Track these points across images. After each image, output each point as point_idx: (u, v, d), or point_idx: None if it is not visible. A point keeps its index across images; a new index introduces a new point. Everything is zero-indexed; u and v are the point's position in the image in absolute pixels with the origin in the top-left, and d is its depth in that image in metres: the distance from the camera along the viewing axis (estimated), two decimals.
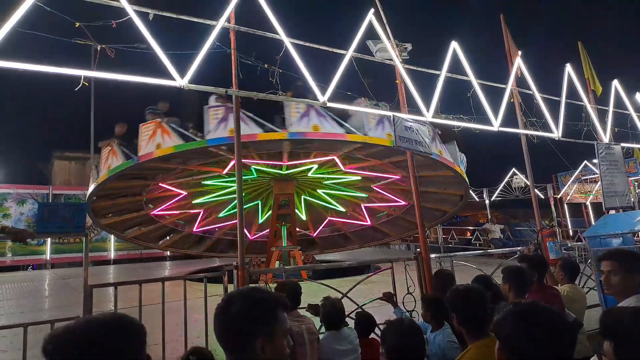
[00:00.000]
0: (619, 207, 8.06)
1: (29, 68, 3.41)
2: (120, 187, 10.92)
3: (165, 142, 8.51)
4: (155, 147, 8.54)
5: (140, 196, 11.59)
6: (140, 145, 8.83)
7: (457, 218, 26.79)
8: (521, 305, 1.71)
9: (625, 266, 2.58)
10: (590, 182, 21.64)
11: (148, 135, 8.72)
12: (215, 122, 8.25)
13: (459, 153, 10.74)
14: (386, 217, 14.59)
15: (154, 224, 12.97)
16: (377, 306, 5.01)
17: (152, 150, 8.59)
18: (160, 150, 8.50)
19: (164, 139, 8.53)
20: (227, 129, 8.13)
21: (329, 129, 8.35)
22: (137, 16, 3.90)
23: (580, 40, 9.44)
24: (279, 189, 12.00)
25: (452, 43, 6.32)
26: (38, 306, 9.02)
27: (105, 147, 9.87)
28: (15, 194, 19.04)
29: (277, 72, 4.90)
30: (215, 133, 8.17)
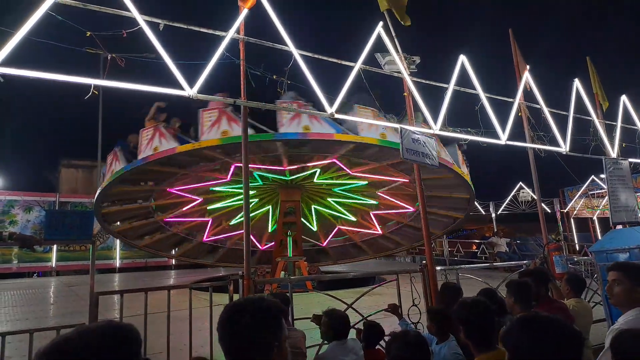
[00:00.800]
0: (626, 222, 8.00)
1: (39, 76, 3.46)
2: (129, 192, 10.96)
3: (162, 145, 8.68)
4: (153, 150, 8.77)
5: (149, 202, 11.61)
6: (140, 149, 8.99)
7: (463, 231, 26.65)
8: (528, 315, 1.71)
9: (631, 277, 2.55)
10: (597, 197, 21.48)
11: (148, 138, 8.88)
12: (208, 124, 8.42)
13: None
14: (395, 225, 14.53)
15: (164, 232, 12.99)
16: (383, 318, 4.96)
17: (150, 153, 8.80)
18: (158, 152, 8.69)
19: (161, 142, 8.71)
20: (219, 131, 8.33)
21: (319, 129, 8.39)
22: (147, 26, 3.95)
23: (588, 56, 9.45)
24: (286, 196, 12.03)
25: (460, 56, 6.35)
26: (43, 313, 9.03)
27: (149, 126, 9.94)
28: (22, 202, 19.19)
29: (285, 83, 4.94)
30: (208, 135, 8.38)
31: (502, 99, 7.15)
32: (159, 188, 11.03)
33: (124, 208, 11.63)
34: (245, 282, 4.46)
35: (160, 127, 8.95)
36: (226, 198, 12.61)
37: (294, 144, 9.19)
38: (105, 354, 1.12)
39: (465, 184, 10.96)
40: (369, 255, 15.33)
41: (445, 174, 10.25)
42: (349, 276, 6.61)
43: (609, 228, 8.39)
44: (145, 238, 13.17)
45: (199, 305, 5.26)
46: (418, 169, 5.95)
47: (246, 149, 4.89)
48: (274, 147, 9.46)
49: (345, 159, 10.55)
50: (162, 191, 11.33)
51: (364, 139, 8.56)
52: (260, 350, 1.38)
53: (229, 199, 12.64)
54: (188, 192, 11.72)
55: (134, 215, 12.11)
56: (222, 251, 14.38)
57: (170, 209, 12.46)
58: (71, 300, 10.86)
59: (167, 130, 8.92)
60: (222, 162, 9.87)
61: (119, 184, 10.04)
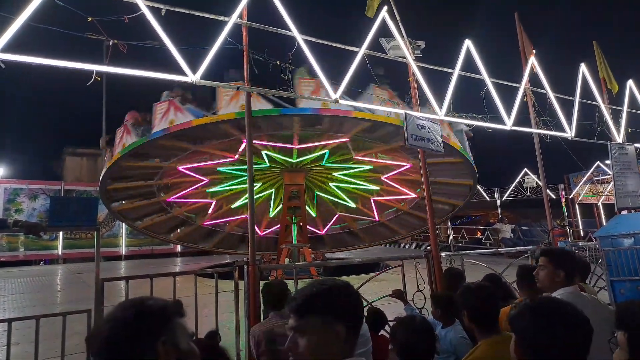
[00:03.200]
0: (631, 208, 7.97)
1: (41, 62, 3.44)
2: (135, 168, 10.87)
3: (178, 118, 8.61)
4: (169, 124, 8.68)
5: (153, 181, 11.53)
6: (154, 123, 8.94)
7: (468, 217, 26.64)
8: (538, 299, 1.70)
9: (553, 261, 2.71)
10: (602, 182, 21.38)
11: (162, 113, 8.81)
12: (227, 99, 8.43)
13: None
14: (395, 212, 14.50)
15: (165, 214, 12.95)
16: (387, 303, 4.98)
17: (165, 126, 8.73)
18: (174, 125, 8.62)
19: (176, 116, 8.63)
20: (238, 105, 8.28)
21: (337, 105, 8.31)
22: (149, 11, 3.91)
23: (595, 40, 9.30)
24: (290, 179, 11.97)
25: (465, 41, 6.26)
26: (50, 300, 9.14)
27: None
28: (28, 190, 19.31)
29: (289, 69, 4.90)
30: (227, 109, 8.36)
31: (507, 84, 7.07)
32: (167, 165, 10.89)
33: (129, 185, 11.53)
34: (250, 269, 4.47)
35: (175, 101, 8.87)
36: (230, 179, 12.55)
37: (310, 121, 9.15)
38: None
39: (470, 170, 10.88)
40: (366, 244, 15.33)
41: (450, 158, 10.18)
42: (354, 262, 6.63)
43: (613, 214, 8.36)
44: (145, 219, 13.16)
45: (204, 292, 5.30)
46: (423, 155, 5.92)
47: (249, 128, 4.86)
48: (289, 124, 9.38)
49: (355, 142, 10.50)
50: (169, 169, 11.20)
51: (380, 118, 8.47)
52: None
53: (233, 180, 12.58)
54: (194, 170, 11.61)
55: (138, 194, 12.04)
56: (220, 236, 14.35)
57: (174, 188, 12.37)
58: (77, 287, 10.97)
59: (182, 103, 8.85)
60: (233, 140, 9.78)
61: (130, 158, 9.97)
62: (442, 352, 3.14)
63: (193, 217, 13.70)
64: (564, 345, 1.48)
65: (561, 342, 1.49)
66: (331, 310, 1.39)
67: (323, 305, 1.40)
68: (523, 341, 1.58)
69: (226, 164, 11.45)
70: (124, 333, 1.19)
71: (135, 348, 1.18)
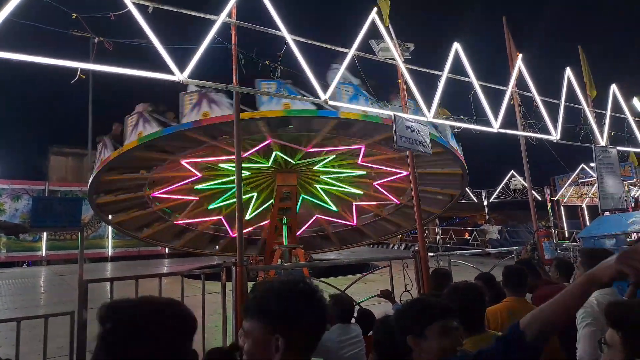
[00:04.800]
0: (613, 209, 8.12)
1: (24, 59, 3.37)
2: (143, 160, 10.40)
3: (214, 111, 8.24)
4: (202, 116, 8.26)
5: (149, 173, 11.16)
6: (184, 113, 8.50)
7: (456, 219, 26.86)
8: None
9: (584, 262, 2.86)
10: (586, 185, 21.74)
11: (192, 103, 8.41)
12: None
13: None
14: (372, 217, 14.49)
15: (144, 209, 12.57)
16: (376, 303, 4.99)
17: (198, 118, 8.31)
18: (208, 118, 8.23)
19: (211, 108, 8.27)
20: (281, 103, 8.15)
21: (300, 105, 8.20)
22: (136, 9, 3.86)
23: (580, 44, 9.47)
24: (282, 180, 11.77)
25: (454, 44, 6.31)
26: (33, 302, 8.97)
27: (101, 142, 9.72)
28: (11, 190, 18.93)
29: (278, 69, 4.88)
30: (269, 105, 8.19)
31: (495, 87, 7.15)
32: (174, 158, 10.56)
33: (123, 177, 11.13)
34: (238, 270, 4.44)
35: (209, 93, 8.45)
36: (221, 177, 12.32)
37: (342, 126, 9.12)
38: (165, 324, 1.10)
39: (454, 158, 10.69)
40: (335, 247, 15.31)
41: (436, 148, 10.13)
42: (343, 263, 6.63)
43: (597, 215, 8.51)
44: (121, 214, 12.78)
45: (191, 294, 5.25)
46: (412, 156, 5.94)
47: (239, 129, 4.83)
48: (321, 126, 9.27)
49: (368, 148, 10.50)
50: (171, 162, 10.83)
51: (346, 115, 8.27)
52: None
53: (223, 179, 12.38)
54: (193, 165, 11.35)
55: (125, 187, 11.64)
56: (191, 235, 14.08)
57: (162, 183, 12.02)
58: (61, 289, 10.79)
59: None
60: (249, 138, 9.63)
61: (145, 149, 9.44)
62: None
63: (169, 212, 13.32)
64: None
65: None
66: (272, 318, 1.25)
67: (265, 311, 1.27)
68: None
69: (226, 162, 11.24)
70: (165, 328, 1.09)
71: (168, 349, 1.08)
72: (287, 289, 1.31)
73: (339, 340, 3.30)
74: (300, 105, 8.07)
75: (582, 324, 2.53)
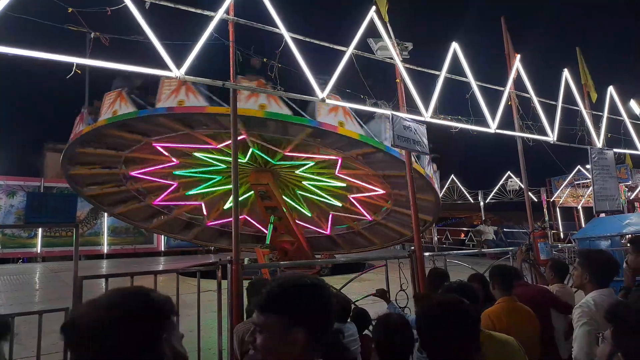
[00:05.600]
0: (609, 211, 8.15)
1: (20, 54, 3.34)
2: (114, 137, 10.24)
3: (190, 100, 8.19)
4: (177, 103, 8.23)
5: (125, 152, 10.96)
6: (159, 98, 8.42)
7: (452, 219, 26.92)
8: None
9: (581, 263, 2.83)
10: (582, 186, 21.83)
11: (170, 90, 8.32)
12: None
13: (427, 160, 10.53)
14: (346, 229, 14.44)
15: (118, 186, 12.42)
16: (372, 303, 4.99)
17: (173, 105, 8.28)
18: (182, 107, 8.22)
19: (188, 97, 8.21)
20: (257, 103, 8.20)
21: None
22: (132, 4, 3.83)
23: (578, 46, 9.48)
24: (255, 179, 11.67)
25: (452, 44, 6.32)
26: (28, 298, 8.92)
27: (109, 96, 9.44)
28: (6, 186, 18.81)
29: (276, 66, 4.86)
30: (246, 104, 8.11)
31: (492, 88, 7.16)
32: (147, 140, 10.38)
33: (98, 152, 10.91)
34: (233, 268, 4.42)
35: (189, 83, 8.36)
36: (199, 167, 12.23)
37: (319, 135, 9.13)
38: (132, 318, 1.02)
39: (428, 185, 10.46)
40: (345, 250, 15.14)
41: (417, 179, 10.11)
42: (339, 262, 6.62)
43: (593, 217, 8.54)
44: (94, 187, 12.64)
45: (187, 291, 5.23)
46: (408, 156, 5.94)
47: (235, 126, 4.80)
48: (297, 132, 9.27)
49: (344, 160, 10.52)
50: (146, 144, 10.64)
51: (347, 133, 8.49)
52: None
53: (202, 168, 12.29)
54: (169, 150, 11.21)
55: (101, 161, 11.46)
56: (165, 219, 14.00)
57: (140, 163, 11.81)
58: (56, 285, 10.74)
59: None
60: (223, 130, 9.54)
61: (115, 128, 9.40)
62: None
63: (145, 193, 13.11)
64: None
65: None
66: (291, 311, 1.28)
67: (283, 304, 1.29)
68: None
69: (203, 151, 11.14)
70: (128, 323, 1.00)
71: (135, 342, 1.00)
72: (303, 283, 1.35)
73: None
74: (276, 108, 8.12)
75: (579, 324, 2.54)
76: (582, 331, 2.50)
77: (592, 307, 2.55)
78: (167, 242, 20.98)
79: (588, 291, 2.73)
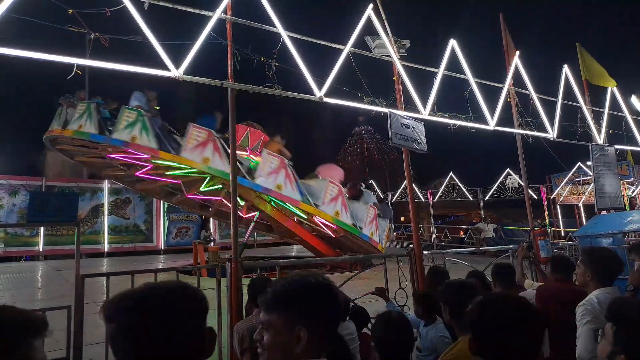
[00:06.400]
0: (610, 208, 8.14)
1: (21, 55, 3.37)
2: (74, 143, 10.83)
3: (142, 140, 8.72)
4: (131, 139, 8.68)
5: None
6: (117, 129, 8.90)
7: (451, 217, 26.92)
8: (489, 295, 1.72)
9: (584, 261, 2.82)
10: (583, 183, 21.79)
11: (128, 122, 8.81)
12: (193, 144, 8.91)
13: (366, 207, 10.65)
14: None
15: (102, 157, 12.65)
16: (370, 301, 5.02)
17: (127, 140, 8.70)
18: (135, 144, 8.71)
19: (141, 135, 8.74)
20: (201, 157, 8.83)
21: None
22: (132, 5, 3.86)
23: (578, 42, 9.45)
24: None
25: (450, 41, 6.32)
26: (31, 297, 8.97)
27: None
28: (8, 185, 18.86)
29: (273, 65, 4.87)
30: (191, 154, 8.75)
31: (491, 84, 7.16)
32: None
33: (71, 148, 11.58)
34: (233, 266, 4.45)
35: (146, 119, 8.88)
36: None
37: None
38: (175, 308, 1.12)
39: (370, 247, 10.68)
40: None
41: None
42: (337, 260, 6.65)
43: (594, 214, 8.53)
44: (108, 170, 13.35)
45: None
46: (407, 153, 5.96)
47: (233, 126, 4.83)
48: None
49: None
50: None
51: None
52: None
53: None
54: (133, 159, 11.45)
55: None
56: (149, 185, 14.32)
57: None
58: (58, 283, 10.79)
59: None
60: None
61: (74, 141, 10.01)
62: (424, 350, 3.17)
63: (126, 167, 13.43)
64: (515, 336, 1.50)
65: (512, 332, 1.50)
66: (296, 310, 1.30)
67: (288, 303, 1.31)
68: (476, 336, 1.60)
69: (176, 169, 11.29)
70: (188, 310, 1.16)
71: (190, 328, 1.14)
72: (308, 282, 1.37)
73: None
74: (219, 164, 8.56)
75: (582, 322, 2.54)
76: (585, 329, 2.50)
77: (595, 305, 2.55)
78: (167, 240, 21.06)
79: (592, 289, 2.72)
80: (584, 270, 2.80)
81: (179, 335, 1.10)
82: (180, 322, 1.11)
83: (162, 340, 1.07)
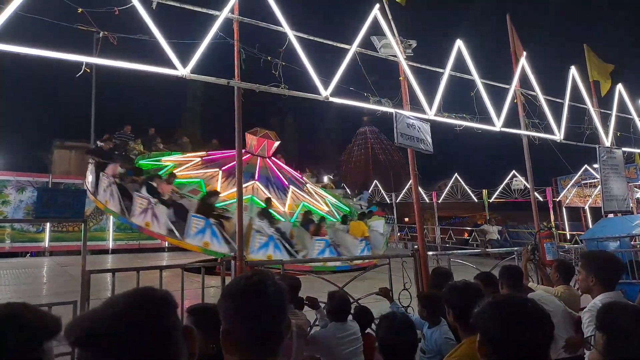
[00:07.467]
0: (617, 211, 8.07)
1: (31, 52, 3.40)
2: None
3: (154, 225, 10.02)
4: (145, 225, 9.93)
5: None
6: (134, 212, 10.11)
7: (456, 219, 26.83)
8: (498, 296, 1.70)
9: (585, 266, 2.80)
10: (589, 186, 21.62)
11: (142, 207, 10.03)
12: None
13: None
14: None
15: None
16: (374, 301, 5.01)
17: (142, 225, 10.11)
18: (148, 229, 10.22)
19: (152, 221, 10.08)
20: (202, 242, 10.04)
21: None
22: (140, 4, 3.88)
23: (585, 43, 9.38)
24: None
25: (457, 41, 6.30)
26: (36, 292, 9.04)
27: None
28: (15, 182, 19.00)
29: (280, 65, 4.88)
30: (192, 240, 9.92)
31: (498, 85, 7.13)
32: None
33: None
34: (237, 264, 4.47)
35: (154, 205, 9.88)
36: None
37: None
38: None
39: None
40: None
41: None
42: (341, 259, 6.65)
43: (600, 217, 8.46)
44: None
45: (191, 287, 5.28)
46: (412, 154, 5.95)
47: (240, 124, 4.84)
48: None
49: None
50: None
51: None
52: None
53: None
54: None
55: None
56: None
57: None
58: (64, 279, 10.86)
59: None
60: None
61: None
62: (428, 351, 3.16)
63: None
64: (525, 338, 1.47)
65: (521, 334, 1.48)
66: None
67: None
68: (485, 337, 1.58)
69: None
70: (146, 317, 0.97)
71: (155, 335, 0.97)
72: (228, 290, 1.30)
73: (337, 337, 3.31)
74: (217, 247, 9.48)
75: (589, 329, 2.51)
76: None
77: None
78: None
79: (595, 294, 2.68)
80: (585, 276, 2.75)
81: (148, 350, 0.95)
82: (145, 339, 0.95)
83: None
